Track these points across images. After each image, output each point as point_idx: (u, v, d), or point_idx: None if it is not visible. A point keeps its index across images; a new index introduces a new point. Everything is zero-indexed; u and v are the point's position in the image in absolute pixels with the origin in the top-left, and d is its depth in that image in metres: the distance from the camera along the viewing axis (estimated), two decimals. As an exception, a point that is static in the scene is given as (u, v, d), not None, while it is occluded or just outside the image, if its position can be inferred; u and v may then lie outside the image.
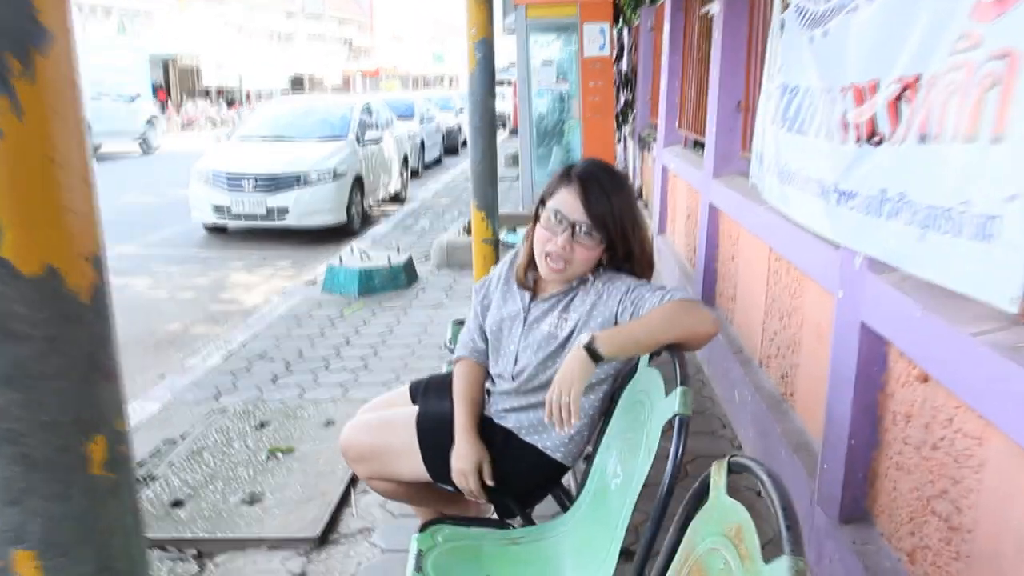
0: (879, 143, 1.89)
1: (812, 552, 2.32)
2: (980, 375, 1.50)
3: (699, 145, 5.70)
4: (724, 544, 1.15)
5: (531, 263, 2.05)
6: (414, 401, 2.27)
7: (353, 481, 3.10)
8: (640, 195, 9.08)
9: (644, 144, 8.33)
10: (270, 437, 3.51)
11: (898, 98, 1.80)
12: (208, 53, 32.63)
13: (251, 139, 9.29)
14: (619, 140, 10.63)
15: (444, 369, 2.71)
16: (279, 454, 3.34)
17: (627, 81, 9.56)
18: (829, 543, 2.21)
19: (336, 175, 8.56)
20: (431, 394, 2.26)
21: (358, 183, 9.11)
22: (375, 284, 5.99)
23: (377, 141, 9.86)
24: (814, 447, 2.60)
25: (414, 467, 2.05)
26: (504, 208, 8.67)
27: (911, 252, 1.69)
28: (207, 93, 34.86)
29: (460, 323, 3.51)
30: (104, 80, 17.72)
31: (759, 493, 1.11)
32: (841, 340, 2.19)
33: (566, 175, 1.96)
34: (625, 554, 1.59)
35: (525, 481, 2.04)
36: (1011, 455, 1.47)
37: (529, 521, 2.06)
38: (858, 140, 1.99)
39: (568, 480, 2.53)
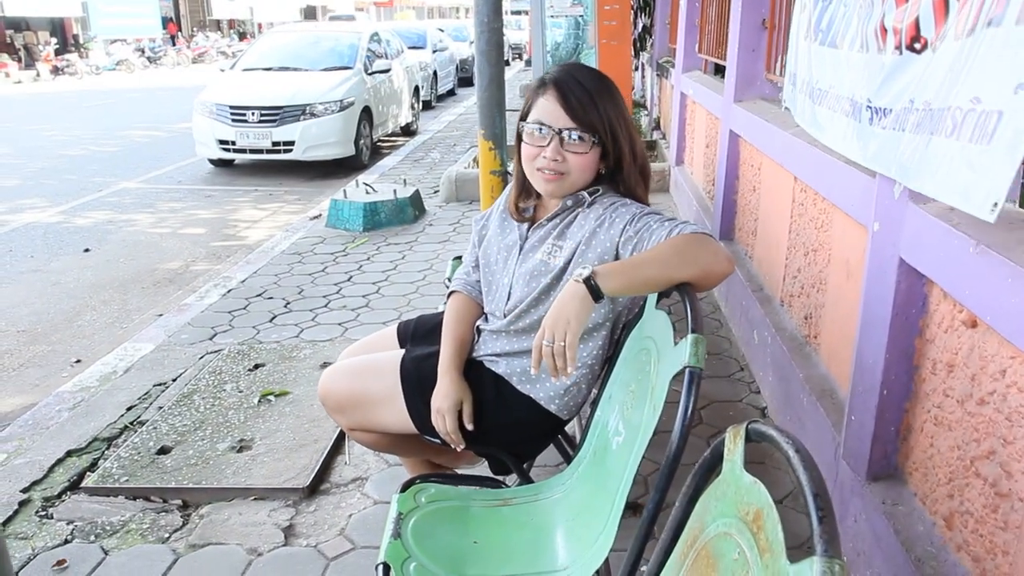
0: (921, 49, 1.63)
1: (836, 510, 2.12)
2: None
3: (720, 70, 5.36)
4: (739, 529, 0.95)
5: (522, 192, 1.83)
6: (402, 344, 2.08)
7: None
8: (657, 126, 8.72)
9: (662, 71, 7.94)
10: (264, 380, 3.35)
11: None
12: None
13: (255, 70, 8.98)
14: (636, 68, 10.21)
15: (441, 308, 2.51)
16: (272, 397, 3.18)
17: (645, 4, 9.10)
18: (856, 501, 2.02)
19: (343, 106, 8.27)
20: (420, 336, 2.07)
21: (366, 114, 8.81)
22: (380, 219, 5.77)
23: (386, 71, 9.50)
24: (840, 396, 2.39)
25: (398, 417, 1.87)
26: (513, 139, 8.37)
27: (915, 164, 1.48)
28: (218, 25, 34.18)
29: (460, 259, 3.30)
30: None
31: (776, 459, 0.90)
32: (875, 278, 1.95)
33: (541, 84, 1.76)
34: (632, 508, 1.39)
35: (518, 434, 1.85)
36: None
37: (526, 478, 1.88)
38: (898, 47, 1.73)
39: (572, 427, 2.35)
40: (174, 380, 3.43)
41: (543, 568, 1.48)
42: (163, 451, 2.82)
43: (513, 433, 1.85)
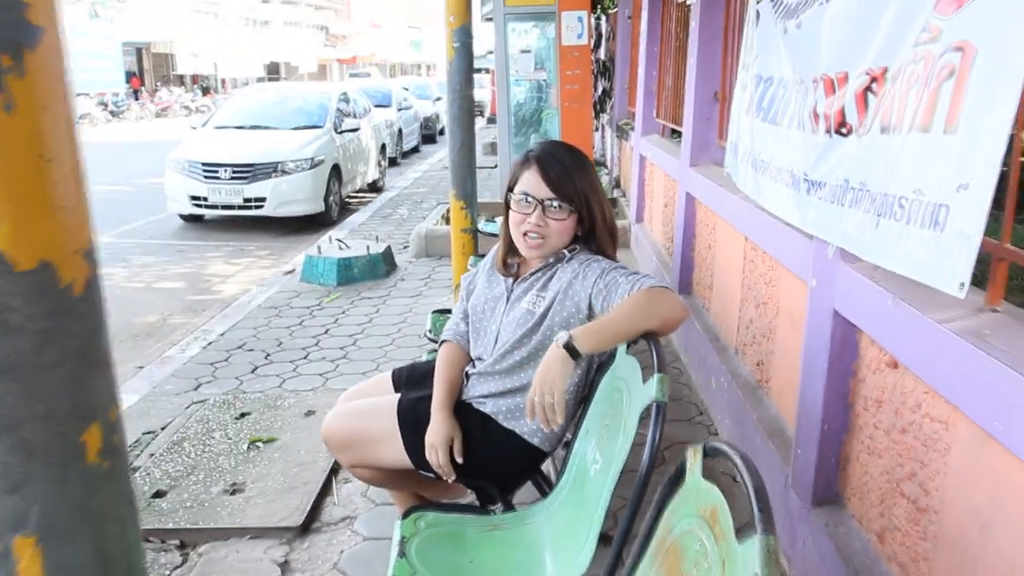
0: (847, 134, 1.94)
1: (786, 535, 2.37)
2: (947, 361, 1.55)
3: (676, 134, 5.74)
4: (700, 525, 1.19)
5: (509, 250, 2.10)
6: (397, 388, 2.29)
7: (334, 470, 3.12)
8: (617, 184, 9.12)
9: (622, 133, 8.36)
10: (251, 427, 3.52)
11: (867, 89, 1.84)
12: (182, 40, 32.21)
13: (227, 128, 9.21)
14: (597, 129, 10.66)
15: (424, 358, 2.73)
16: (260, 444, 3.35)
17: (605, 70, 9.58)
18: (803, 526, 2.27)
19: (313, 164, 8.52)
20: (413, 381, 2.29)
21: (336, 172, 9.07)
22: (354, 273, 5.99)
23: (355, 130, 9.81)
24: (788, 433, 2.66)
25: (396, 454, 2.08)
26: (483, 197, 8.66)
27: (867, 240, 1.75)
28: (181, 80, 34.43)
29: (440, 312, 3.54)
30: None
31: (735, 479, 1.15)
32: (814, 328, 2.24)
33: (525, 160, 2.05)
34: (603, 539, 1.62)
35: (504, 467, 2.08)
36: (975, 439, 1.52)
37: (509, 507, 2.10)
38: (828, 131, 2.04)
39: (548, 467, 2.58)
40: (163, 428, 3.57)
41: (532, 580, 1.69)
42: (158, 495, 2.97)
43: (500, 466, 2.07)
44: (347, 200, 9.94)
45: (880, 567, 1.92)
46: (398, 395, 2.18)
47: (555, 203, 1.95)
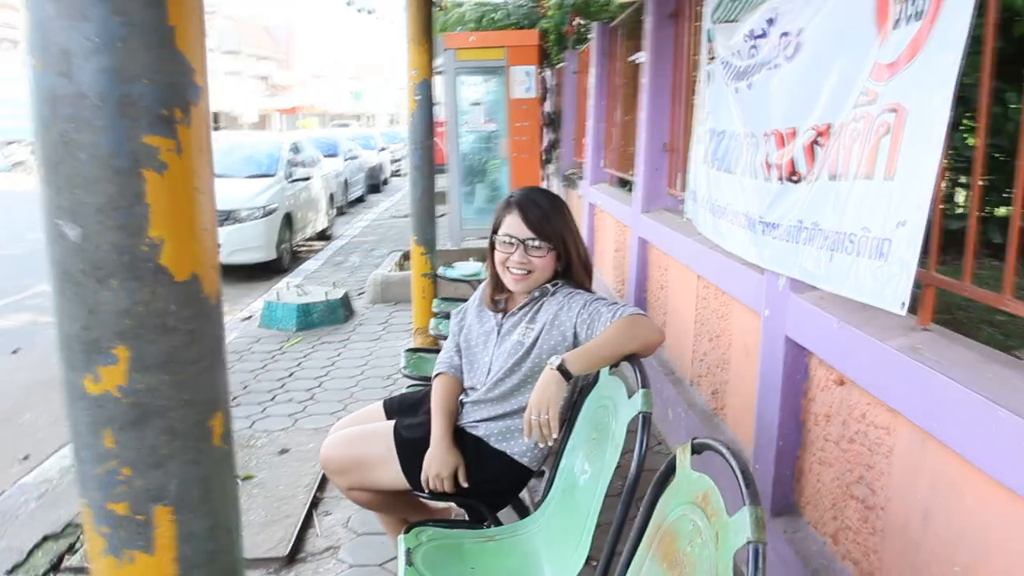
0: (798, 181, 2.21)
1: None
2: (888, 374, 1.79)
3: (624, 183, 6.06)
4: (692, 510, 1.39)
5: (496, 288, 2.30)
6: (389, 416, 2.45)
7: (314, 503, 3.23)
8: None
9: (570, 182, 8.69)
10: (226, 465, 3.59)
11: (813, 143, 2.12)
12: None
13: (179, 176, 9.25)
14: (544, 178, 11.01)
15: (406, 390, 2.88)
16: (238, 481, 3.43)
17: (551, 121, 9.95)
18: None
19: (266, 212, 8.62)
20: (405, 409, 2.45)
21: (288, 220, 9.18)
22: (313, 319, 6.09)
23: (306, 179, 9.95)
24: (745, 455, 2.88)
25: (393, 476, 2.23)
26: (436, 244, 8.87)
27: (823, 272, 2.00)
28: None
29: (413, 351, 3.70)
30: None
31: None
32: (768, 353, 2.48)
33: (507, 204, 2.27)
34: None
35: (495, 485, 2.24)
36: (915, 439, 1.76)
37: (497, 523, 2.26)
38: (780, 178, 2.31)
39: (523, 494, 2.74)
40: (137, 469, 3.61)
41: (531, 581, 1.86)
42: (141, 531, 3.02)
43: (491, 484, 2.23)
44: (297, 248, 10.02)
45: (836, 565, 2.14)
46: (392, 422, 2.34)
47: (535, 242, 2.17)
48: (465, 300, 5.22)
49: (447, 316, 4.54)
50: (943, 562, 1.65)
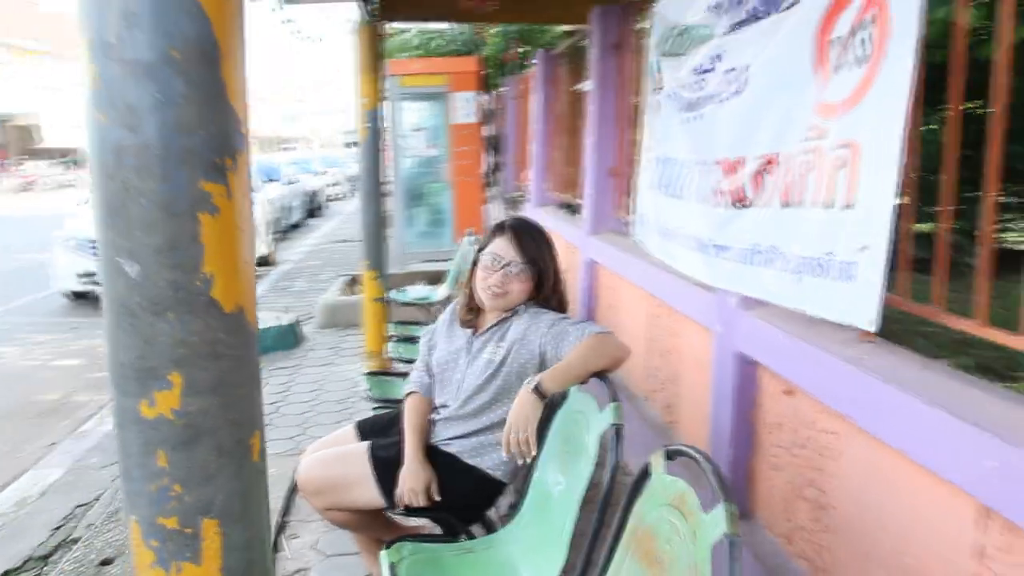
0: (747, 206, 2.38)
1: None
2: (836, 382, 1.96)
3: (568, 206, 6.24)
4: (669, 511, 1.51)
5: (469, 305, 2.40)
6: (362, 438, 2.52)
7: (281, 527, 3.26)
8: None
9: (512, 205, 8.86)
10: (188, 493, 3.59)
11: (761, 171, 2.29)
12: (48, 112, 30.98)
13: (117, 203, 9.10)
14: (486, 201, 11.16)
15: (361, 415, 2.95)
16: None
17: (492, 145, 10.14)
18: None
19: (209, 238, 8.54)
20: (377, 431, 2.52)
21: (231, 246, 9.10)
22: (265, 344, 6.07)
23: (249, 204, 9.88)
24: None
25: (370, 495, 2.30)
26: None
27: (791, 292, 2.12)
28: (49, 153, 32.99)
29: (373, 374, 3.78)
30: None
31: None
32: (721, 367, 2.64)
33: (500, 228, 2.40)
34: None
35: (468, 500, 2.34)
36: (862, 442, 1.93)
37: (471, 536, 2.35)
38: (729, 204, 2.48)
39: (492, 513, 2.84)
40: (96, 500, 3.59)
41: (513, 588, 1.96)
42: (106, 562, 3.02)
43: (464, 499, 2.32)
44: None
45: (791, 564, 2.29)
46: (366, 443, 2.41)
47: (519, 266, 2.29)
48: (418, 323, 5.31)
49: (403, 339, 4.62)
50: (892, 553, 1.81)
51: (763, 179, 2.29)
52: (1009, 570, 1.47)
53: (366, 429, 2.57)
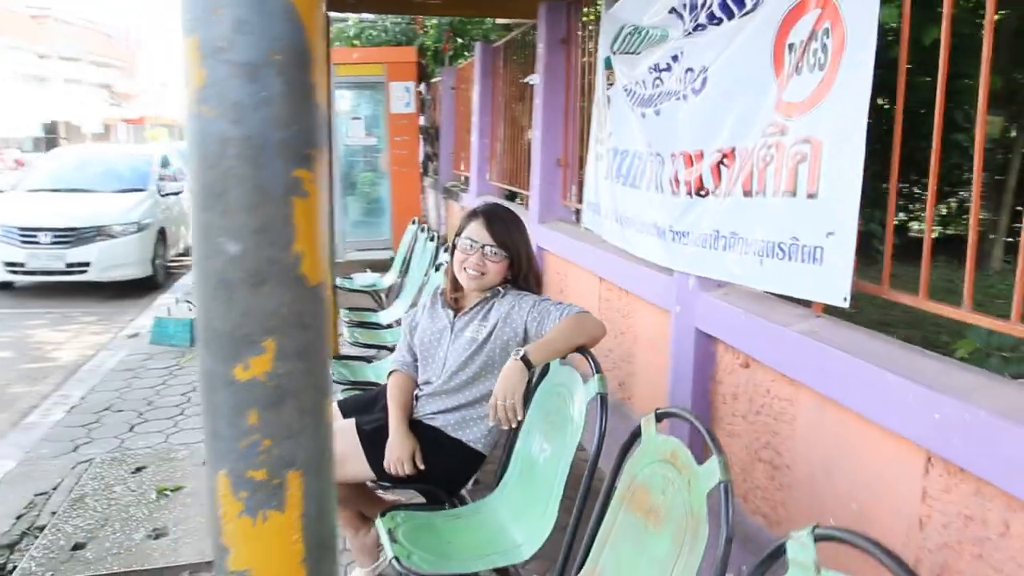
0: (706, 195, 2.58)
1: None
2: (792, 353, 2.18)
3: (512, 195, 6.40)
4: (661, 466, 1.69)
5: (454, 286, 2.54)
6: (345, 415, 2.63)
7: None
8: (445, 241, 9.67)
9: (450, 194, 8.95)
10: (152, 479, 3.61)
11: (719, 163, 2.50)
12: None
13: (42, 191, 8.82)
14: (422, 191, 11.22)
15: (340, 397, 3.06)
16: (169, 492, 3.47)
17: (428, 135, 10.19)
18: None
19: (140, 227, 8.38)
20: (360, 408, 2.64)
21: (161, 235, 8.94)
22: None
23: (177, 192, 9.71)
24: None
25: (359, 468, 2.42)
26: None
27: (755, 274, 2.31)
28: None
29: (338, 359, 3.88)
30: None
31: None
32: (679, 345, 2.85)
33: (474, 213, 2.55)
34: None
35: (451, 470, 2.48)
36: (816, 406, 2.15)
37: (454, 505, 2.50)
38: (689, 193, 2.68)
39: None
40: (54, 489, 3.57)
41: (505, 547, 2.11)
42: (78, 547, 3.03)
43: (447, 470, 2.46)
44: (169, 264, 9.74)
45: (748, 521, 2.52)
46: (351, 419, 2.52)
47: (493, 249, 2.44)
48: (370, 309, 5.40)
49: (357, 325, 4.72)
50: (843, 505, 2.04)
51: (721, 171, 2.49)
52: (948, 507, 1.70)
53: (348, 407, 2.68)
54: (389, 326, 4.64)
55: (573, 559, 1.97)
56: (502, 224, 2.49)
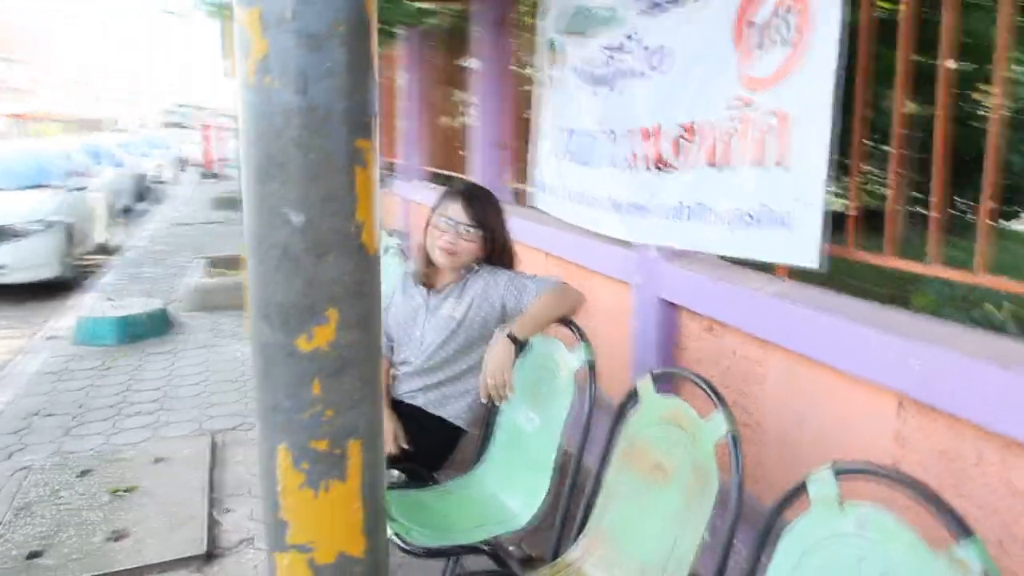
0: (666, 169, 2.67)
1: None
2: (764, 315, 2.29)
3: (448, 179, 6.39)
4: (663, 427, 1.77)
5: (426, 263, 2.55)
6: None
7: (212, 503, 3.26)
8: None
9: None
10: (101, 481, 3.49)
11: (679, 138, 2.58)
12: None
13: (-65, 190, 8.28)
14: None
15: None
16: (122, 493, 3.36)
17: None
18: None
19: (49, 225, 7.97)
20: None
21: (71, 233, 8.52)
22: (136, 331, 5.83)
23: (83, 189, 9.27)
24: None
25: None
26: (226, 251, 8.66)
27: (724, 242, 2.39)
28: None
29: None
30: None
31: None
32: (642, 315, 2.94)
33: (451, 192, 2.55)
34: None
35: (433, 448, 2.50)
36: (784, 365, 2.28)
37: (434, 480, 2.52)
38: (647, 167, 2.76)
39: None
40: (-5, 498, 3.41)
41: (502, 517, 2.16)
42: (34, 555, 2.91)
43: (429, 448, 2.49)
44: (80, 263, 9.30)
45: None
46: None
47: (468, 228, 2.45)
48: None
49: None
50: (817, 456, 2.17)
51: (680, 144, 2.58)
52: (922, 446, 1.84)
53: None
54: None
55: (571, 524, 2.03)
56: (479, 203, 2.51)
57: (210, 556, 2.90)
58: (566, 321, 2.34)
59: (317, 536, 1.15)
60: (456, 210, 2.48)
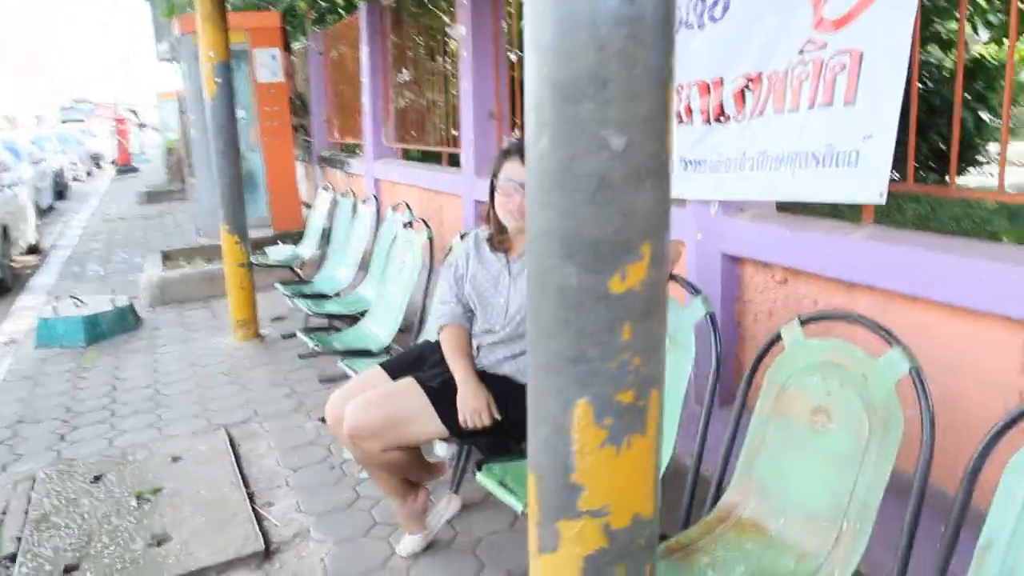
0: (727, 121, 2.63)
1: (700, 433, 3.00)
2: (851, 258, 2.26)
3: (426, 155, 6.22)
4: (819, 368, 1.72)
5: (499, 229, 2.43)
6: (394, 376, 2.47)
7: (251, 498, 3.08)
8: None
9: (330, 163, 8.57)
10: (120, 485, 3.25)
11: (744, 89, 2.54)
12: None
13: None
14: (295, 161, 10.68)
15: (252, 384, 2.87)
16: (148, 496, 3.14)
17: (294, 106, 9.65)
18: (715, 424, 2.92)
19: (-20, 225, 7.43)
20: (410, 365, 2.51)
21: (6, 234, 7.97)
22: (103, 330, 5.49)
23: (14, 186, 8.66)
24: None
25: (432, 425, 2.30)
26: (175, 243, 8.27)
27: (785, 187, 2.39)
28: None
29: (309, 331, 3.65)
30: None
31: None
32: (703, 270, 2.90)
33: (506, 153, 2.42)
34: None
35: (523, 418, 2.40)
36: (879, 306, 2.26)
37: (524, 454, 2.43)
38: (706, 121, 2.71)
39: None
40: (3, 513, 3.14)
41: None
42: (70, 569, 2.68)
43: (519, 418, 2.38)
44: (11, 264, 8.72)
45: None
46: (410, 378, 2.38)
47: None
48: (304, 281, 5.13)
49: (299, 296, 4.46)
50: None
51: (745, 96, 2.53)
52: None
53: (395, 368, 2.53)
54: (337, 294, 4.42)
55: (704, 487, 1.98)
56: None
57: (269, 553, 2.74)
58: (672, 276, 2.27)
59: (615, 499, 1.05)
60: (514, 169, 2.35)
